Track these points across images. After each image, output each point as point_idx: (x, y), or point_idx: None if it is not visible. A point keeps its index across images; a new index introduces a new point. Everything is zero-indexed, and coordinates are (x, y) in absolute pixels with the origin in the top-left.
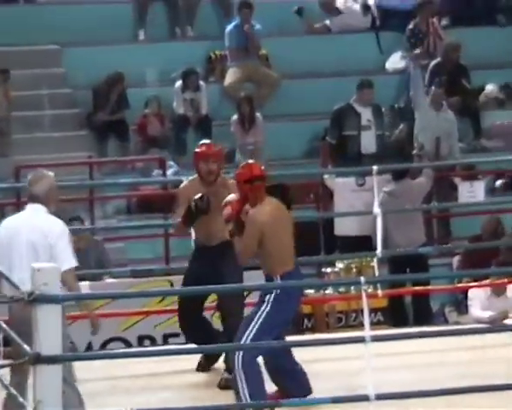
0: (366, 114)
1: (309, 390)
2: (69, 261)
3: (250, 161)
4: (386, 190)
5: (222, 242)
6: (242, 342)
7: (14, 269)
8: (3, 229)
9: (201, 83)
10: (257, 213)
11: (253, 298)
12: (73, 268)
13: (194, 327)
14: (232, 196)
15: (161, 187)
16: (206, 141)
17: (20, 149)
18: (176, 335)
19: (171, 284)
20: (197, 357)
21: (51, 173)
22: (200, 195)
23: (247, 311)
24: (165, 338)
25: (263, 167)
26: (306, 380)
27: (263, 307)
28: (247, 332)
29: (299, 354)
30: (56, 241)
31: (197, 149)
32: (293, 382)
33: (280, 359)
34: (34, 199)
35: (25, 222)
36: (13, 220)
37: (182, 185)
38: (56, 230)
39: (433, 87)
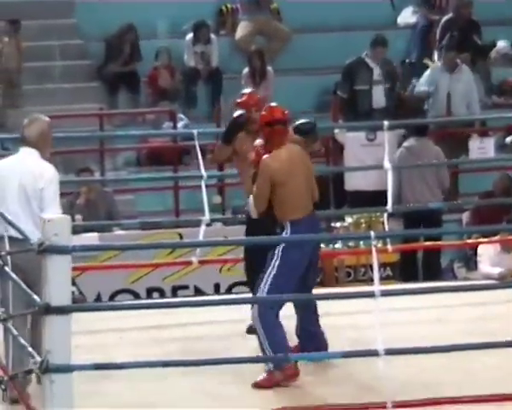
0: (378, 69)
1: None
2: (54, 208)
3: (273, 104)
4: (406, 145)
5: None
6: (258, 295)
7: (8, 213)
8: None
9: (212, 36)
10: (269, 159)
11: None
12: None
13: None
14: (260, 141)
15: (171, 139)
16: (248, 90)
17: (31, 99)
18: (185, 287)
19: (181, 237)
20: (207, 309)
21: (46, 118)
22: (239, 112)
23: None
24: (174, 290)
25: (286, 111)
26: (324, 347)
27: (273, 260)
28: (262, 286)
29: None
30: (45, 185)
31: (238, 99)
32: (310, 343)
33: (303, 314)
34: (26, 142)
35: (17, 166)
36: (5, 164)
37: None
38: (47, 175)
39: (443, 50)
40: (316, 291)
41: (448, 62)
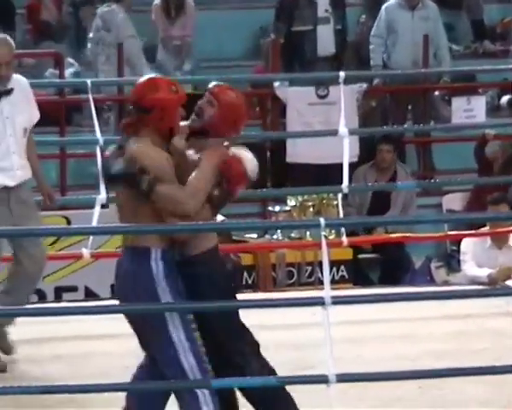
0: (323, 2)
1: None
2: None
3: (150, 77)
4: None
5: None
6: None
7: None
8: None
9: None
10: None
11: None
12: None
13: None
14: None
15: (57, 92)
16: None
17: None
18: (73, 288)
19: (68, 221)
20: (103, 317)
21: None
22: None
23: None
24: (58, 293)
25: (158, 92)
26: None
27: None
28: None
29: None
30: None
31: None
32: None
33: None
34: None
35: None
36: None
37: None
38: None
39: None
40: (246, 296)
41: None
